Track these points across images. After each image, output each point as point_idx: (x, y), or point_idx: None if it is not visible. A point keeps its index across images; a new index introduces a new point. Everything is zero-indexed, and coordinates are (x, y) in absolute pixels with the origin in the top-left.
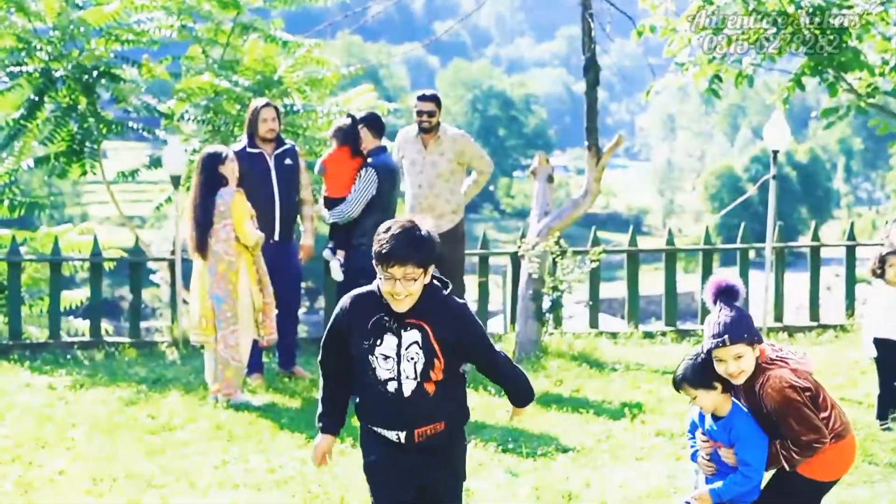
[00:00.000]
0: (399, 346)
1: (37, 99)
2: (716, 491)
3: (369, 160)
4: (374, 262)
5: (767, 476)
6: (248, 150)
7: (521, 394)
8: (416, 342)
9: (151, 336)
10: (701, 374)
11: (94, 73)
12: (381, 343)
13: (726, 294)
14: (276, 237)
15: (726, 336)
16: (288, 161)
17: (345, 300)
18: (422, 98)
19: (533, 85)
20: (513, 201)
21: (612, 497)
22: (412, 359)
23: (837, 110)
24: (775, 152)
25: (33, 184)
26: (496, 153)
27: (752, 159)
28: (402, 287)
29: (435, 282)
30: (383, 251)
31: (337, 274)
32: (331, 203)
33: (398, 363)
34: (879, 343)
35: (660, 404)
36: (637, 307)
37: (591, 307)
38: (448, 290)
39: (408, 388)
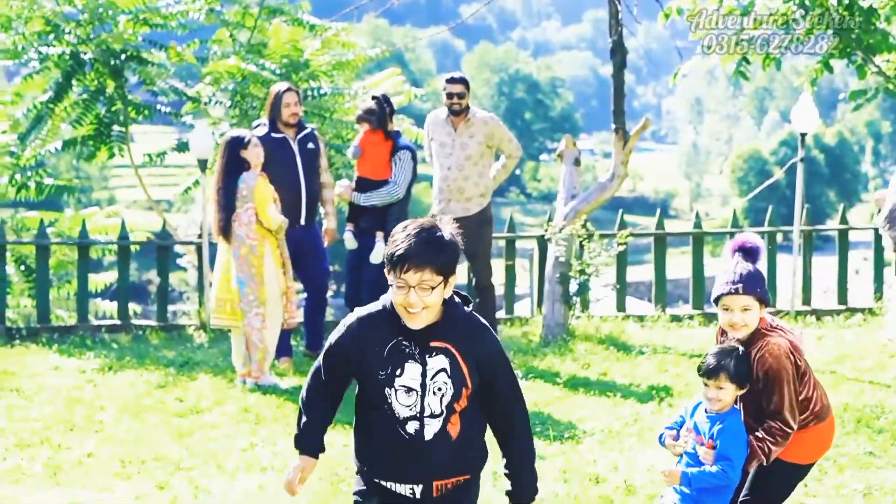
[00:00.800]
0: (424, 374)
1: (65, 82)
2: (687, 474)
3: (400, 142)
4: (385, 267)
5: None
6: (273, 135)
7: (524, 464)
8: (444, 369)
9: (178, 319)
10: (744, 370)
11: (122, 57)
12: (401, 373)
13: (746, 252)
14: (303, 221)
15: (740, 285)
16: (310, 145)
17: (352, 321)
18: (451, 80)
19: (559, 68)
20: (539, 185)
21: (640, 480)
22: (439, 390)
23: (866, 93)
24: (803, 135)
25: (60, 167)
26: (522, 136)
27: (779, 143)
28: (416, 297)
29: (456, 297)
30: (398, 253)
31: (351, 244)
32: (368, 185)
33: (422, 397)
34: None
35: (687, 388)
36: (664, 290)
37: (619, 290)
38: (471, 307)
39: (431, 429)
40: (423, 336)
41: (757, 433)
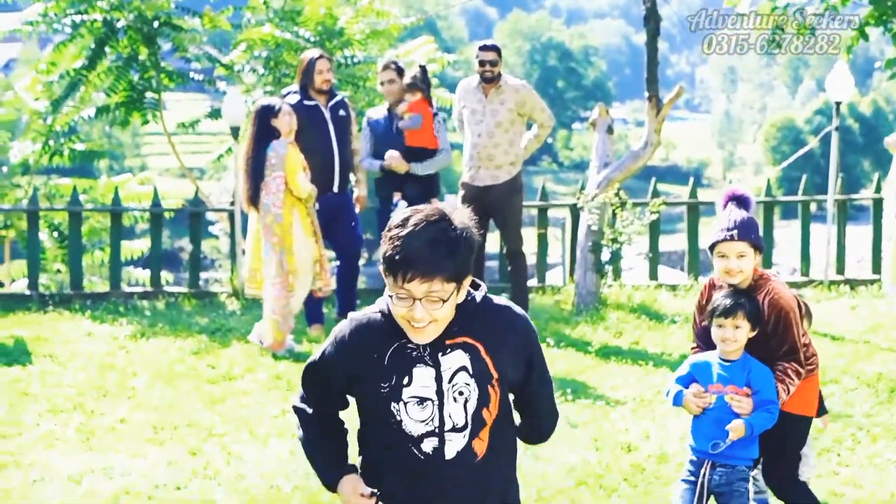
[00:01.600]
0: (439, 378)
1: (98, 49)
2: (750, 422)
3: (434, 110)
4: (382, 270)
5: None
6: (305, 102)
7: (542, 432)
8: (464, 367)
9: (210, 287)
10: (757, 311)
11: (156, 24)
12: (409, 382)
13: (738, 201)
14: (336, 188)
15: (735, 231)
16: (342, 112)
17: (342, 332)
18: (483, 48)
19: (592, 36)
20: (572, 153)
21: (672, 448)
22: (461, 394)
23: None
24: (838, 104)
25: (93, 134)
26: (555, 105)
27: (814, 111)
28: (423, 312)
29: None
30: (397, 256)
31: None
32: (417, 154)
33: (440, 406)
34: None
35: None
36: (697, 259)
37: (651, 259)
38: (483, 291)
39: (453, 446)
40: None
41: (776, 374)
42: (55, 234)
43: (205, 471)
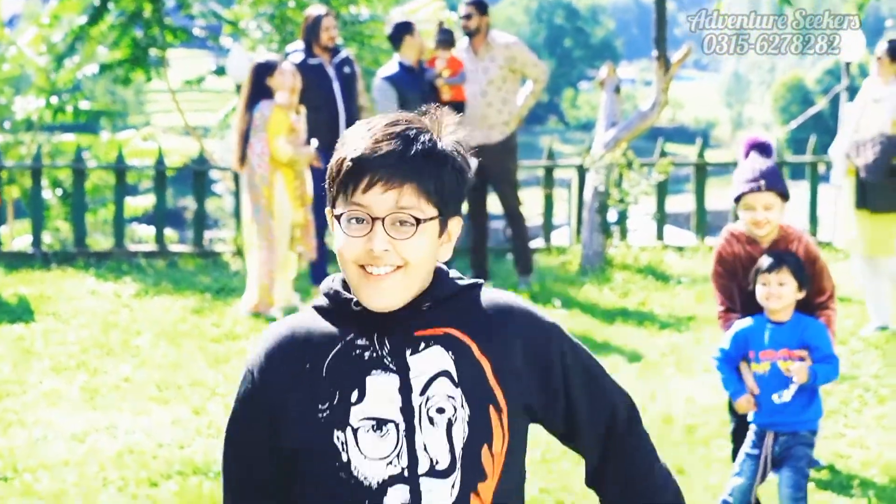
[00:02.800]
0: (406, 388)
1: (101, 5)
2: (814, 371)
3: None
4: (329, 187)
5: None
6: (309, 61)
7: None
8: (446, 373)
9: (214, 246)
10: (801, 266)
11: None
12: (359, 396)
13: (759, 149)
14: None
15: (763, 181)
16: (347, 69)
17: (260, 347)
18: (466, 4)
19: None
20: (578, 113)
21: (678, 409)
22: (440, 412)
23: None
24: (848, 64)
25: (96, 91)
26: (562, 64)
27: (824, 71)
28: (385, 240)
29: (457, 274)
30: (353, 155)
31: None
32: (457, 108)
33: (409, 433)
34: None
35: None
36: (705, 220)
37: (658, 220)
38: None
39: (435, 498)
40: (396, 323)
41: (822, 319)
42: (58, 191)
43: (208, 430)
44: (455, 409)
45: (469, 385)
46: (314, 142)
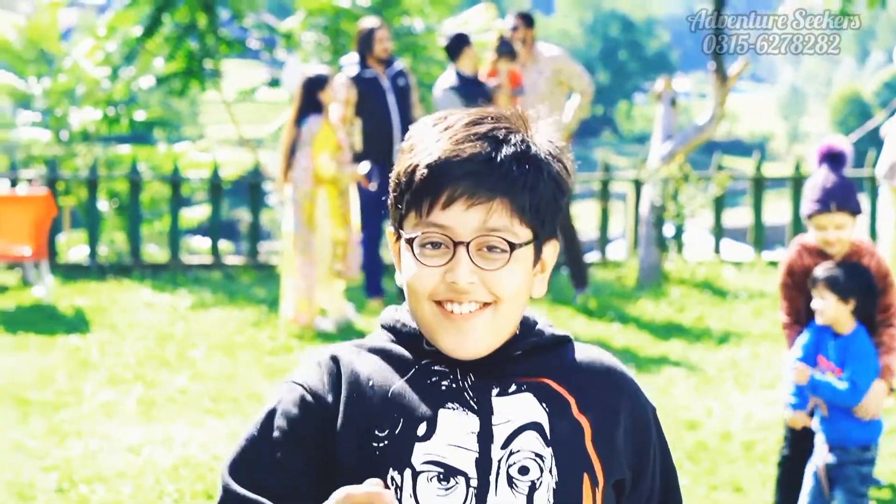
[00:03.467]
0: (486, 434)
1: (156, 15)
2: (814, 378)
3: None
4: (394, 203)
5: None
6: (365, 73)
7: None
8: (538, 426)
9: (269, 259)
10: (849, 283)
11: None
12: (428, 431)
13: (834, 159)
14: (395, 158)
15: (833, 203)
16: (401, 81)
17: (313, 362)
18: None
19: (655, 7)
20: (633, 125)
21: (736, 425)
22: (524, 472)
23: None
24: None
25: (151, 102)
26: (616, 77)
27: (882, 84)
28: (470, 270)
29: (546, 321)
30: (429, 162)
31: None
32: None
33: (481, 491)
34: None
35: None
36: (762, 235)
37: (715, 234)
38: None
39: None
40: (485, 362)
41: (884, 339)
42: (115, 202)
43: None
44: (541, 472)
45: (563, 447)
46: (366, 164)
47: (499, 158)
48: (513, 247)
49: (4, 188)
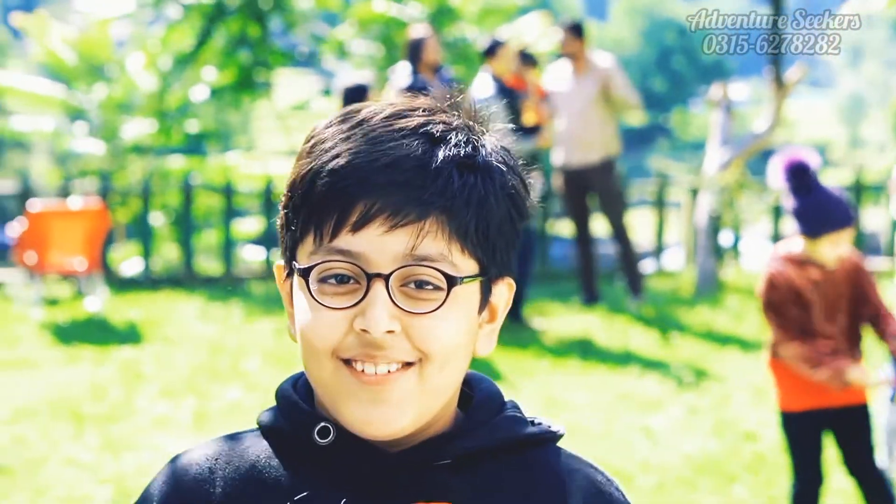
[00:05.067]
0: None
1: (208, 27)
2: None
3: None
4: (284, 223)
5: None
6: (416, 83)
7: None
8: None
9: None
10: None
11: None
12: None
13: (802, 171)
14: None
15: (852, 217)
16: None
17: (159, 484)
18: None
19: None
20: (688, 133)
21: None
22: None
23: None
24: None
25: (202, 113)
26: (672, 83)
27: None
28: (386, 314)
29: (516, 404)
30: (336, 165)
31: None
32: (534, 132)
33: None
34: None
35: None
36: None
37: (774, 242)
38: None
39: None
40: (397, 469)
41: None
42: (167, 214)
43: None
44: None
45: None
46: None
47: (434, 163)
48: (451, 282)
49: (59, 202)
